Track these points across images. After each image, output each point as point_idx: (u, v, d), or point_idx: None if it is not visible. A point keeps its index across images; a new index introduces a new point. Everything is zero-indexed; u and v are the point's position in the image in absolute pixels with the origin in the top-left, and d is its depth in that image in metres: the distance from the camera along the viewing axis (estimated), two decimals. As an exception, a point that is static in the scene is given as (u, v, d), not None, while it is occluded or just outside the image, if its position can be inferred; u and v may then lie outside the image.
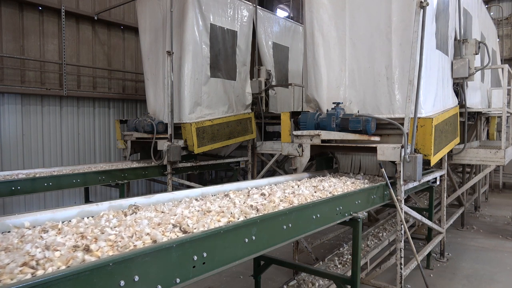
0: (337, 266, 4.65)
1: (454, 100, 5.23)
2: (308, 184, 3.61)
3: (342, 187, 3.50)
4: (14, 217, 2.07)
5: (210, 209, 2.42)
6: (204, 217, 2.24)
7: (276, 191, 3.09)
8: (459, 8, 5.30)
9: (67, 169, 5.42)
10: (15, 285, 1.22)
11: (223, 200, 2.80)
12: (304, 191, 3.15)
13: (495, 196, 10.46)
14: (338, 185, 3.60)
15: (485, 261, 5.55)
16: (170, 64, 5.68)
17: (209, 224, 2.05)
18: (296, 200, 2.75)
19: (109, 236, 1.80)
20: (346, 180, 3.94)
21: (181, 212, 2.31)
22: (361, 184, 3.77)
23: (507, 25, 12.32)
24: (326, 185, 3.53)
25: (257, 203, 2.61)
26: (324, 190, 3.24)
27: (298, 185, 3.51)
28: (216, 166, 7.35)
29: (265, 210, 2.44)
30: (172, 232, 1.93)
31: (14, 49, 6.86)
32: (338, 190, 3.26)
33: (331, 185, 3.59)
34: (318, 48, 4.63)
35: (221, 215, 2.27)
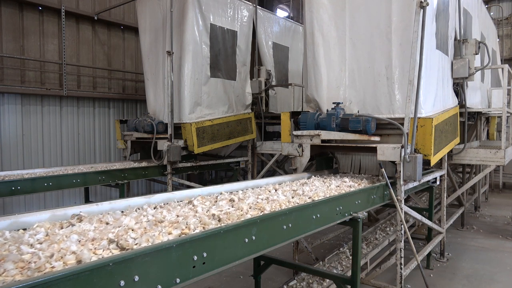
0: (337, 266, 4.65)
1: (454, 100, 5.23)
2: (287, 188, 3.41)
3: (325, 191, 3.24)
4: (14, 217, 2.07)
5: (164, 219, 2.17)
6: (153, 229, 1.97)
7: (249, 197, 2.88)
8: (459, 8, 5.30)
9: (67, 169, 5.42)
10: (15, 285, 1.22)
11: (185, 207, 2.54)
12: (281, 196, 2.93)
13: (495, 196, 10.46)
14: (321, 189, 3.35)
15: (485, 261, 5.55)
16: (170, 64, 5.68)
17: (154, 239, 1.80)
18: (268, 207, 2.52)
19: (23, 256, 1.54)
20: (331, 184, 3.68)
21: (128, 223, 2.06)
22: (346, 187, 3.51)
23: (507, 25, 12.32)
24: (307, 189, 3.30)
25: (221, 211, 2.37)
26: (304, 195, 3.00)
27: (276, 189, 3.30)
28: (216, 166, 7.34)
29: (228, 219, 2.21)
30: (107, 249, 1.68)
31: (14, 49, 6.86)
32: (319, 195, 3.02)
33: (313, 189, 3.36)
34: (318, 48, 4.63)
35: (174, 227, 2.01)
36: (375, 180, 4.08)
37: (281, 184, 3.78)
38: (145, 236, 1.83)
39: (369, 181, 3.96)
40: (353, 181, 3.87)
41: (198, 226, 2.06)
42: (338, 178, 4.13)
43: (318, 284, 4.21)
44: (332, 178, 4.09)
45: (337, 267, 4.62)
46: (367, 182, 3.90)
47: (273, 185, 3.58)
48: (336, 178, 4.14)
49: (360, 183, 3.81)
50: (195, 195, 3.02)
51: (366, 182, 3.89)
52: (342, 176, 4.40)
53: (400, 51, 4.09)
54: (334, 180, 3.94)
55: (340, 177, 4.14)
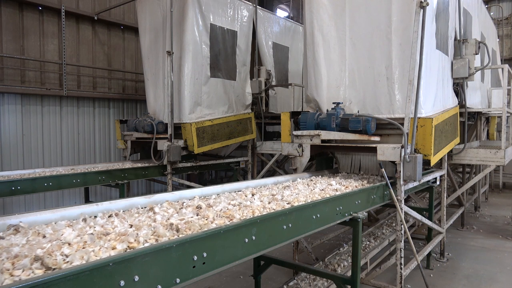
0: (337, 266, 4.65)
1: (454, 100, 5.23)
2: (266, 192, 3.20)
3: (307, 195, 3.03)
4: (14, 217, 2.07)
5: (112, 231, 1.94)
6: (94, 243, 1.73)
7: (220, 202, 2.69)
8: (459, 8, 5.30)
9: (67, 169, 5.42)
10: (15, 285, 1.22)
11: (143, 215, 2.31)
12: (256, 202, 2.70)
13: (495, 196, 10.46)
14: (303, 193, 3.13)
15: (485, 261, 5.55)
16: (170, 64, 5.68)
17: (90, 255, 1.58)
18: (238, 215, 2.30)
19: None
20: (315, 187, 3.48)
21: (67, 236, 1.81)
22: (331, 191, 3.31)
23: (507, 25, 12.32)
24: (287, 193, 3.08)
25: (181, 220, 2.13)
26: (282, 200, 2.78)
27: (253, 193, 3.08)
28: (216, 166, 7.35)
29: (189, 229, 1.98)
30: (28, 269, 1.44)
31: (14, 49, 6.86)
32: (299, 200, 2.80)
33: (295, 193, 3.15)
34: (318, 48, 4.63)
35: (120, 240, 1.78)
36: (365, 182, 3.88)
37: (266, 186, 3.61)
38: (81, 252, 1.60)
39: (358, 183, 3.75)
40: (341, 183, 3.69)
41: (150, 238, 1.82)
42: (326, 180, 3.94)
43: (318, 284, 4.21)
44: (318, 180, 3.91)
45: (337, 267, 4.62)
46: (356, 184, 3.71)
47: (253, 189, 3.35)
48: (324, 180, 3.96)
49: (348, 185, 3.60)
50: (192, 195, 3.00)
51: (355, 184, 3.70)
52: (331, 177, 4.24)
53: (400, 51, 4.09)
54: (320, 183, 3.74)
55: (328, 179, 3.97)
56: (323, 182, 3.79)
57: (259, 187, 3.58)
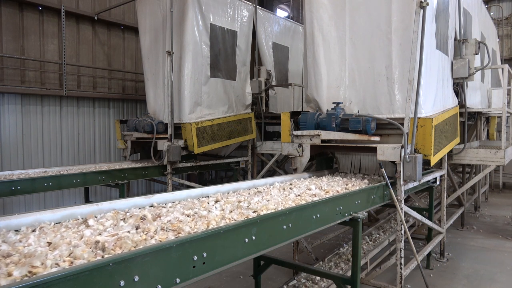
0: (337, 266, 4.65)
1: (454, 100, 5.23)
2: (234, 198, 2.90)
3: (279, 202, 2.77)
4: (14, 217, 2.07)
5: (20, 251, 1.62)
6: None
7: (173, 212, 2.40)
8: (459, 8, 5.30)
9: (67, 169, 5.42)
10: (15, 285, 1.22)
11: (71, 229, 2.01)
12: (215, 212, 2.41)
13: (495, 196, 10.45)
14: (275, 200, 2.85)
15: (485, 261, 5.55)
16: (170, 64, 5.69)
17: None
18: (188, 228, 2.03)
19: None
20: (291, 192, 3.19)
21: None
22: (309, 197, 3.03)
23: (507, 25, 12.32)
24: (255, 200, 2.77)
25: (113, 237, 1.81)
26: (248, 209, 2.52)
27: (216, 200, 2.81)
28: (216, 166, 7.35)
29: (119, 247, 1.70)
30: None
31: (14, 49, 6.86)
32: (269, 208, 2.55)
33: (267, 199, 2.87)
34: (318, 48, 4.63)
35: (22, 263, 1.48)
36: (350, 186, 3.61)
37: (235, 191, 3.33)
38: None
39: (341, 188, 3.47)
40: (322, 188, 3.40)
41: (64, 260, 1.54)
42: (306, 183, 3.68)
43: (318, 284, 4.21)
44: (296, 185, 3.61)
45: (337, 267, 4.62)
46: (340, 189, 3.42)
47: (220, 194, 3.03)
48: (303, 183, 3.70)
49: (329, 190, 3.33)
50: (191, 195, 2.96)
51: (339, 188, 3.43)
52: (313, 180, 3.99)
53: (400, 51, 4.09)
54: (298, 187, 3.46)
55: (309, 183, 3.64)
56: (302, 187, 3.49)
57: (229, 192, 3.31)
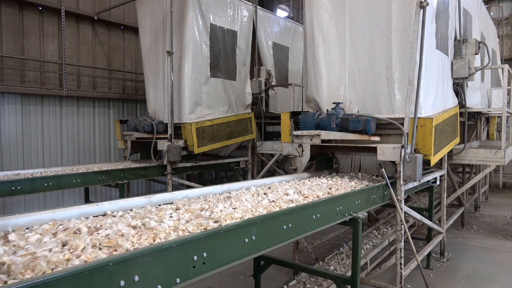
0: (337, 266, 4.65)
1: (454, 100, 5.23)
2: (196, 206, 2.59)
3: (248, 209, 2.49)
4: (14, 217, 2.07)
5: None
6: None
7: (117, 223, 2.08)
8: (459, 8, 5.30)
9: (67, 169, 5.42)
10: (15, 285, 1.22)
11: None
12: (166, 222, 2.11)
13: (495, 196, 10.45)
14: (245, 206, 2.55)
15: (485, 261, 5.55)
16: (170, 64, 5.68)
17: None
18: (128, 244, 1.76)
19: None
20: (264, 198, 2.88)
21: None
22: (284, 203, 2.76)
23: (507, 25, 12.32)
24: (220, 208, 2.46)
25: (23, 257, 1.53)
26: (209, 218, 2.25)
27: (177, 208, 2.53)
28: (216, 166, 7.35)
29: (32, 270, 1.44)
30: None
31: (14, 49, 6.86)
32: (234, 217, 2.28)
33: (236, 206, 2.58)
34: (318, 48, 4.63)
35: None
36: (333, 190, 3.34)
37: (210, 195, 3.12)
38: None
39: (323, 192, 3.19)
40: (301, 193, 3.12)
41: None
42: (286, 187, 3.41)
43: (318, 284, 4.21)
44: (274, 189, 3.33)
45: (337, 267, 4.61)
46: (321, 193, 3.15)
47: (184, 201, 2.77)
48: (283, 187, 3.42)
49: (309, 195, 3.07)
50: (189, 195, 2.92)
51: (321, 193, 3.15)
52: (296, 183, 3.70)
53: (400, 51, 4.09)
54: (275, 192, 3.18)
55: (289, 187, 3.37)
56: (279, 191, 3.21)
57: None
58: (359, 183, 3.88)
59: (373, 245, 5.21)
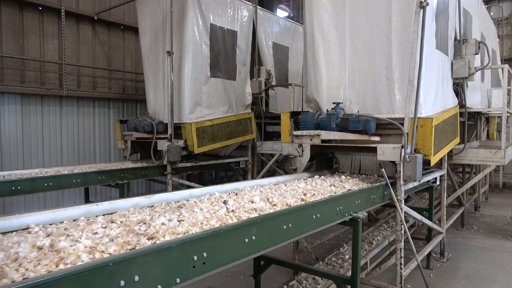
0: (337, 266, 4.65)
1: (454, 100, 5.23)
2: (136, 217, 2.21)
3: (197, 222, 2.14)
4: (14, 217, 2.07)
5: None
6: None
7: (19, 243, 1.71)
8: (459, 8, 5.30)
9: (67, 169, 5.42)
10: (15, 285, 1.22)
11: None
12: (82, 242, 1.73)
13: (495, 196, 10.45)
14: (194, 219, 2.18)
15: (485, 261, 5.55)
16: (170, 64, 5.69)
17: None
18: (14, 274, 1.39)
19: None
20: (223, 207, 2.49)
21: None
22: (245, 213, 2.41)
23: (507, 25, 12.32)
24: (161, 221, 2.09)
25: None
26: (143, 234, 1.88)
27: (111, 221, 2.17)
28: (216, 166, 7.35)
29: None
30: None
31: (14, 49, 6.86)
32: (177, 231, 1.96)
33: (177, 219, 2.18)
34: (318, 48, 4.63)
35: None
36: (308, 196, 2.99)
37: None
38: None
39: (295, 199, 2.83)
40: (270, 200, 2.75)
41: None
42: (252, 194, 3.05)
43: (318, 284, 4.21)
44: (240, 196, 2.99)
45: (337, 267, 4.62)
46: (292, 201, 2.78)
47: (120, 214, 2.34)
48: (249, 194, 3.06)
49: (278, 202, 2.68)
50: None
51: (292, 200, 2.78)
52: (266, 190, 3.30)
53: (400, 51, 4.09)
54: (239, 199, 2.82)
55: (253, 195, 2.98)
56: (244, 198, 2.85)
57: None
58: (341, 187, 3.50)
59: (372, 244, 5.21)
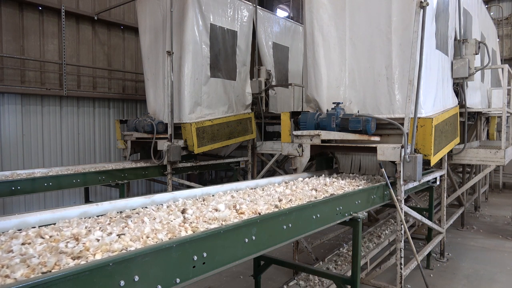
0: (337, 266, 4.65)
1: (454, 100, 5.23)
2: (69, 232, 1.90)
3: (140, 236, 1.88)
4: (14, 217, 2.07)
5: None
6: None
7: None
8: (459, 8, 5.30)
9: (67, 169, 5.42)
10: (15, 285, 1.22)
11: None
12: (28, 262, 1.49)
13: (495, 196, 10.45)
14: (135, 233, 1.90)
15: (485, 261, 5.55)
16: (170, 64, 5.68)
17: None
18: None
19: None
20: (175, 218, 2.21)
21: None
22: (203, 223, 2.14)
23: (507, 25, 12.31)
24: (95, 236, 1.84)
25: None
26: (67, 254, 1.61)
27: (40, 236, 1.86)
28: (216, 166, 7.35)
29: None
30: None
31: (14, 49, 6.86)
32: (112, 249, 1.69)
33: (115, 232, 1.93)
34: (318, 48, 4.63)
35: None
36: (283, 203, 2.71)
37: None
38: None
39: (267, 206, 2.58)
40: (237, 208, 2.48)
41: None
42: (215, 202, 2.71)
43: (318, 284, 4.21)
44: (205, 203, 2.72)
45: (337, 267, 4.62)
46: (264, 208, 2.54)
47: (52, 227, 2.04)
48: (213, 202, 2.73)
49: (246, 210, 2.43)
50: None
51: (263, 208, 2.53)
52: (240, 195, 3.06)
53: (400, 51, 4.09)
54: (200, 208, 2.53)
55: (218, 203, 2.62)
56: (210, 206, 2.57)
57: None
58: (323, 191, 3.25)
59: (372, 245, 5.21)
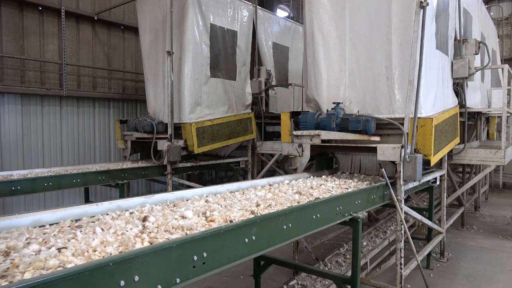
0: (337, 266, 4.65)
1: (454, 100, 5.23)
2: (9, 242, 1.70)
3: (82, 252, 1.65)
4: (14, 217, 2.07)
5: None
6: None
7: None
8: (459, 8, 5.30)
9: (67, 169, 5.42)
10: (15, 285, 1.22)
11: None
12: None
13: (495, 196, 10.45)
14: (79, 247, 1.68)
15: (485, 261, 5.55)
16: (170, 64, 5.69)
17: None
18: None
19: None
20: (133, 228, 2.01)
21: None
22: (166, 231, 1.98)
23: (507, 25, 12.31)
24: (29, 251, 1.60)
25: None
26: None
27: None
28: (216, 166, 7.35)
29: None
30: None
31: (14, 49, 6.86)
32: (48, 267, 1.46)
33: (58, 244, 1.71)
34: (318, 48, 4.63)
35: None
36: (260, 208, 2.54)
37: None
38: None
39: (241, 213, 2.38)
40: (206, 215, 2.30)
41: None
42: (184, 208, 2.50)
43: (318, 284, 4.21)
44: (173, 209, 2.50)
45: (337, 267, 4.62)
46: (238, 215, 2.33)
47: None
48: (183, 208, 2.51)
49: (216, 218, 2.24)
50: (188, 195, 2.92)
51: (237, 215, 2.33)
52: (217, 199, 2.86)
53: (400, 51, 4.09)
54: (165, 215, 2.30)
55: (186, 209, 2.42)
56: (177, 213, 2.34)
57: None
58: (308, 194, 3.08)
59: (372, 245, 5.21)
